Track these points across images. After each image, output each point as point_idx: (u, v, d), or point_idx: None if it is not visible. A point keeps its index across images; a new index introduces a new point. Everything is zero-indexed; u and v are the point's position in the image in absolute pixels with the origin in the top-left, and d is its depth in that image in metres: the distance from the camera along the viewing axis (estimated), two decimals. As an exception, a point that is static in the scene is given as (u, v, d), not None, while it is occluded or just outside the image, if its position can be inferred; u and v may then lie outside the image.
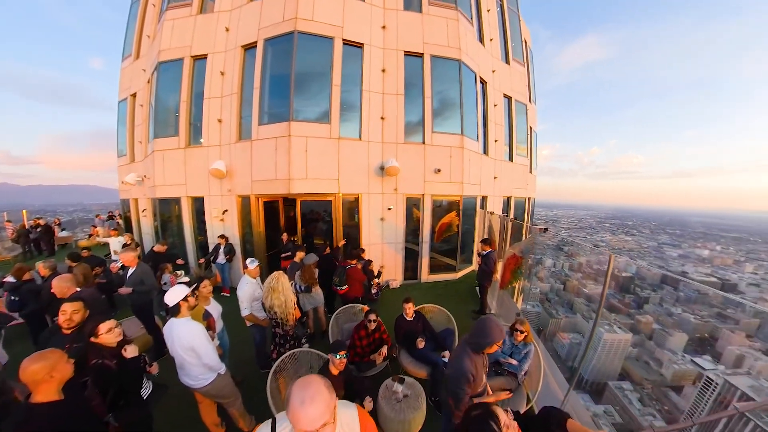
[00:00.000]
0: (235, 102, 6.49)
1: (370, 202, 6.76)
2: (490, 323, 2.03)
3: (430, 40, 7.06)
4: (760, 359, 53.64)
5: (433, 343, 3.67)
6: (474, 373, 2.03)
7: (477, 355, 2.08)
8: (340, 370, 2.45)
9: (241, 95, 6.51)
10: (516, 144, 10.29)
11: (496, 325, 2.03)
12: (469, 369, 2.01)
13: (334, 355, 2.40)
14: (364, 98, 6.57)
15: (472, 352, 2.06)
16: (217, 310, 3.26)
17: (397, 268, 7.31)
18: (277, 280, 3.19)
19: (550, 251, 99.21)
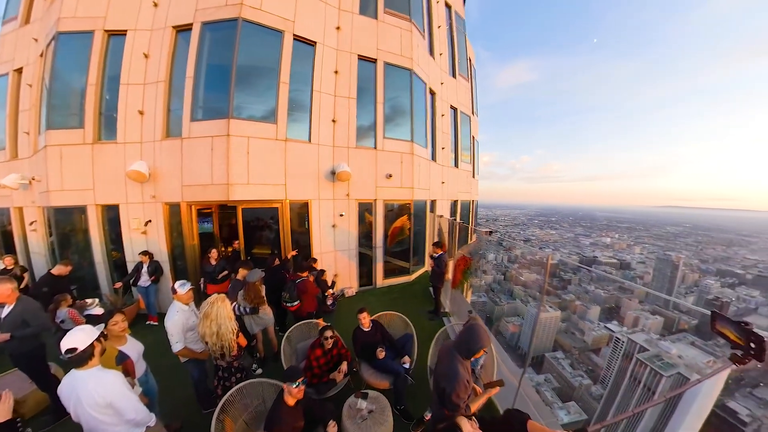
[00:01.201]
0: (162, 92, 5.57)
1: (320, 209, 6.48)
2: (479, 330, 2.06)
3: (384, 47, 7.11)
4: (649, 318, 68.36)
5: (393, 351, 3.63)
6: (468, 379, 2.05)
7: (467, 361, 2.10)
8: (299, 398, 2.25)
9: (170, 84, 5.60)
10: (461, 151, 11.11)
11: (484, 331, 2.07)
12: (464, 376, 2.01)
13: (291, 385, 2.19)
14: (314, 99, 6.27)
15: (462, 359, 2.06)
16: (137, 349, 2.71)
17: (351, 275, 7.14)
18: (211, 305, 2.76)
19: (491, 246, 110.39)
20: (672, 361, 43.69)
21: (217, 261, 5.24)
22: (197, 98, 5.43)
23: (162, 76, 5.59)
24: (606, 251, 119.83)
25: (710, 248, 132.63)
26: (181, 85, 5.46)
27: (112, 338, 2.50)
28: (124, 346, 2.59)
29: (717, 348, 54.02)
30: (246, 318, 3.86)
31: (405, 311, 4.45)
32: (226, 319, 2.76)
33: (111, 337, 2.48)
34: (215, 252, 5.28)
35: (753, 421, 42.77)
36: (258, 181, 5.56)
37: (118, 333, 2.57)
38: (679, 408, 1.47)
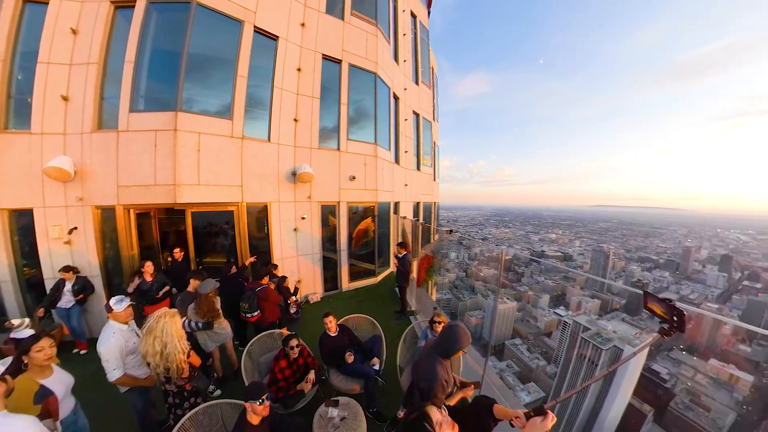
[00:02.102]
0: (95, 75, 4.77)
1: (281, 212, 6.18)
2: (459, 330, 2.11)
3: (350, 48, 7.04)
4: (589, 301, 77.91)
5: (361, 354, 3.59)
6: (446, 378, 2.11)
7: (446, 360, 2.16)
8: (264, 416, 2.10)
9: (104, 67, 4.84)
10: (423, 155, 11.48)
11: (464, 332, 2.12)
12: (442, 376, 2.07)
13: (255, 402, 2.03)
14: (275, 96, 5.96)
15: (441, 359, 2.12)
16: (64, 382, 2.28)
17: (316, 280, 6.91)
18: (156, 320, 2.40)
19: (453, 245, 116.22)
20: (609, 336, 49.81)
21: (155, 276, 4.49)
22: (138, 86, 4.78)
23: (94, 57, 4.80)
24: (552, 246, 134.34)
25: (632, 240, 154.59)
26: (119, 70, 4.75)
27: (34, 369, 2.08)
28: (48, 379, 2.14)
29: (641, 321, 63.01)
30: (199, 334, 3.49)
31: (372, 313, 4.42)
32: (174, 337, 2.41)
33: (33, 368, 2.06)
34: (150, 265, 4.47)
35: (671, 378, 51.50)
36: (210, 181, 5.11)
37: (43, 362, 2.11)
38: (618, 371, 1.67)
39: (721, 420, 45.21)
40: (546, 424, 1.32)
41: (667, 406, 46.42)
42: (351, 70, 7.05)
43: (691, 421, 44.56)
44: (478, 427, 1.69)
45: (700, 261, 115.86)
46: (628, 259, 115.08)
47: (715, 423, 44.59)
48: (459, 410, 1.84)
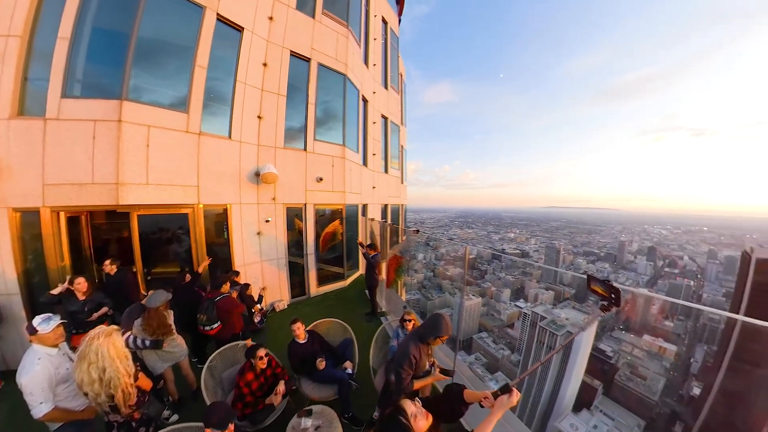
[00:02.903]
0: (16, 50, 4.00)
1: (242, 214, 5.80)
2: (440, 319, 2.24)
3: (319, 48, 6.87)
4: (544, 293, 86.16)
5: (333, 359, 3.50)
6: (417, 357, 2.27)
7: (423, 345, 2.31)
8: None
9: (29, 43, 4.09)
10: (390, 159, 11.64)
11: (445, 322, 2.23)
12: (412, 353, 2.25)
13: (215, 431, 1.85)
14: (238, 90, 5.59)
15: (419, 342, 2.30)
16: None
17: (282, 286, 6.60)
18: (88, 344, 2.00)
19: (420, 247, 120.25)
20: (562, 323, 55.58)
21: (89, 294, 3.70)
22: (74, 68, 4.13)
23: (16, 29, 4.01)
24: (511, 244, 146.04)
25: (578, 236, 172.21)
26: (50, 47, 4.06)
27: None
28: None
29: (588, 308, 70.95)
30: (147, 354, 3.11)
31: (343, 316, 4.34)
32: (114, 359, 2.05)
33: None
34: (83, 282, 3.61)
35: (614, 354, 59.03)
36: (161, 181, 4.62)
37: None
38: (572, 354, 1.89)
39: (655, 386, 52.42)
40: (512, 399, 1.45)
41: (613, 379, 52.71)
42: (320, 70, 6.90)
43: (633, 390, 51.03)
44: (451, 412, 1.78)
45: (632, 253, 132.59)
46: (575, 254, 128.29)
47: (650, 389, 51.57)
48: (431, 400, 1.89)
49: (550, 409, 48.68)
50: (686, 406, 51.87)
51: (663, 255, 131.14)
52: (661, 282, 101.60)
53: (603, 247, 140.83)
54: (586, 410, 45.49)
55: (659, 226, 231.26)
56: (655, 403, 50.54)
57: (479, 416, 1.61)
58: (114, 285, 4.16)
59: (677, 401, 53.88)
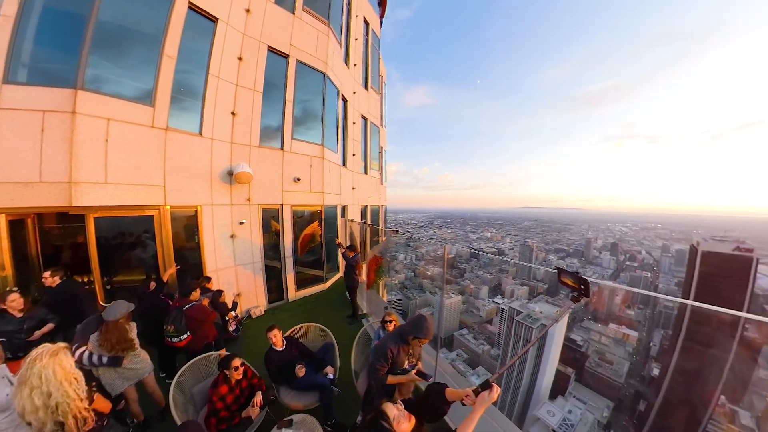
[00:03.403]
0: None
1: (214, 216, 5.48)
2: (422, 321, 2.25)
3: (299, 44, 6.64)
4: (520, 289, 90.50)
5: (314, 365, 3.37)
6: (393, 353, 2.31)
7: (403, 343, 2.33)
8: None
9: None
10: (370, 160, 11.56)
11: (427, 325, 2.23)
12: (390, 347, 2.31)
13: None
14: (210, 84, 5.25)
15: (399, 338, 2.35)
16: None
17: (258, 292, 6.31)
18: (29, 366, 1.72)
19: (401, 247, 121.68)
20: (536, 316, 58.88)
21: (26, 310, 3.18)
22: (19, 50, 3.66)
23: None
24: (488, 243, 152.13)
25: (549, 235, 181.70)
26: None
27: None
28: None
29: (560, 300, 75.25)
30: (106, 372, 2.78)
31: (323, 320, 4.22)
32: (62, 383, 1.79)
33: None
34: (17, 298, 3.08)
35: (584, 342, 63.49)
36: (123, 179, 4.23)
37: None
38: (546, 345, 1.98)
39: (620, 369, 57.17)
40: (493, 395, 1.48)
41: (584, 366, 57.09)
42: (299, 67, 6.68)
43: (602, 375, 55.71)
44: (434, 412, 1.79)
45: (597, 249, 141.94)
46: (547, 251, 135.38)
47: (616, 372, 56.27)
48: (414, 401, 1.91)
49: (529, 399, 51.61)
50: (648, 386, 57.45)
51: (624, 250, 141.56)
52: (623, 275, 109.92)
53: (572, 244, 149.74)
54: (561, 397, 49.06)
55: (620, 224, 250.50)
56: (621, 385, 55.36)
57: (462, 414, 1.62)
58: (58, 298, 3.62)
59: (640, 382, 59.45)
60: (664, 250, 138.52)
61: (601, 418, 49.18)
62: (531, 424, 43.69)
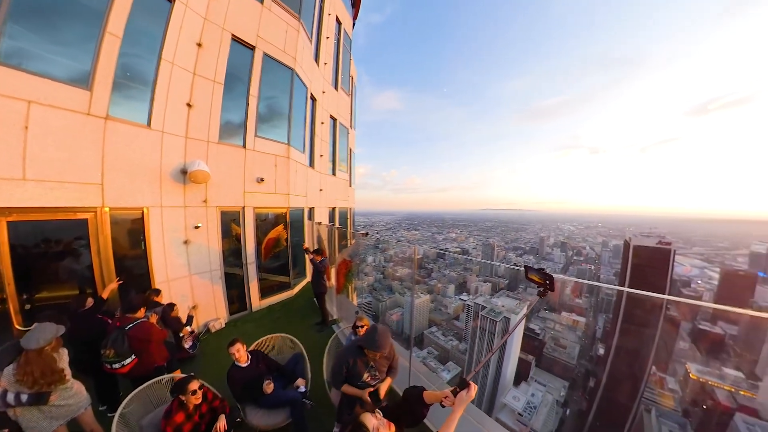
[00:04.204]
0: None
1: (164, 220, 4.89)
2: (372, 333, 2.19)
3: (266, 37, 6.23)
4: (483, 285, 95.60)
5: (283, 379, 3.14)
6: (350, 364, 2.31)
7: (359, 355, 2.31)
8: None
9: None
10: (339, 161, 11.31)
11: (375, 336, 2.17)
12: (345, 358, 2.33)
13: None
14: (163, 70, 4.66)
15: (355, 349, 2.34)
16: None
17: (217, 303, 5.78)
18: None
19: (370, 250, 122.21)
20: (499, 310, 63.05)
21: None
22: None
23: None
24: (453, 243, 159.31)
25: (508, 234, 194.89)
26: None
27: None
28: None
29: (519, 294, 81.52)
30: (27, 412, 2.27)
31: (291, 330, 3.99)
32: None
33: None
34: None
35: (542, 331, 69.27)
36: (48, 176, 3.59)
37: None
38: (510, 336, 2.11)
39: (573, 352, 64.02)
40: (471, 394, 1.48)
41: (542, 353, 62.91)
42: (266, 61, 6.28)
43: (557, 358, 62.02)
44: (413, 417, 1.80)
45: (550, 246, 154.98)
46: (507, 249, 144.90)
47: (569, 355, 62.93)
48: (392, 408, 1.90)
49: (496, 387, 54.95)
50: (595, 364, 65.28)
51: (572, 247, 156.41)
52: (572, 268, 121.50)
53: (528, 243, 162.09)
54: (524, 382, 53.59)
55: (568, 224, 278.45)
56: (574, 366, 62.24)
57: (441, 415, 1.61)
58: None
59: (589, 361, 67.32)
60: (604, 245, 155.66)
61: (559, 398, 54.74)
62: (499, 411, 47.00)
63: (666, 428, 48.93)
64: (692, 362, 63.81)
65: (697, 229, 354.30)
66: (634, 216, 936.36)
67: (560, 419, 54.42)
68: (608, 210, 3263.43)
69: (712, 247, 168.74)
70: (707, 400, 52.39)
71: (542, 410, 48.89)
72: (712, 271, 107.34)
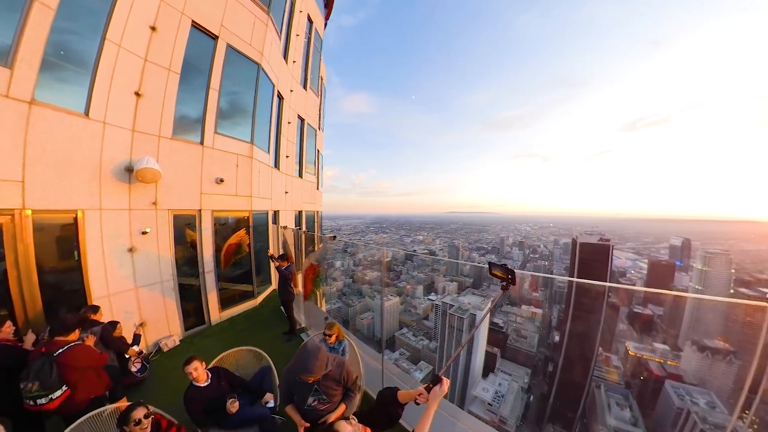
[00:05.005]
0: None
1: (104, 225, 4.25)
2: (301, 354, 1.94)
3: (232, 27, 5.79)
4: (450, 285, 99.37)
5: (249, 396, 2.89)
6: (291, 385, 2.13)
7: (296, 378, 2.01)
8: None
9: None
10: (306, 163, 10.97)
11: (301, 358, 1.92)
12: (287, 378, 2.16)
13: None
14: (106, 52, 4.07)
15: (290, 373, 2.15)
16: None
17: (170, 317, 5.18)
18: None
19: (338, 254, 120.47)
20: (466, 307, 66.27)
21: None
22: None
23: None
24: (420, 245, 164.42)
25: (472, 235, 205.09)
26: None
27: None
28: None
29: (484, 291, 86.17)
30: None
31: (256, 341, 3.72)
32: None
33: None
34: None
35: (505, 324, 74.15)
36: None
37: None
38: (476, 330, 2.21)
39: (532, 341, 69.41)
40: (444, 388, 1.50)
41: (506, 344, 67.71)
42: (229, 53, 5.83)
43: (520, 348, 67.06)
44: (388, 419, 1.78)
45: (509, 245, 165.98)
46: (470, 249, 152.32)
47: (530, 344, 68.22)
48: (366, 411, 1.89)
49: (466, 381, 57.59)
50: (553, 350, 72.07)
51: (528, 245, 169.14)
52: (529, 264, 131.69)
53: (490, 243, 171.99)
54: (492, 374, 56.83)
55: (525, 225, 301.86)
56: (534, 354, 67.66)
57: (416, 413, 1.61)
58: None
59: (547, 348, 73.63)
60: (555, 243, 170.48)
61: (524, 384, 59.24)
62: (470, 403, 49.43)
63: (613, 400, 54.91)
64: (630, 341, 72.88)
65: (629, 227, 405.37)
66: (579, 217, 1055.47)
67: (525, 404, 58.56)
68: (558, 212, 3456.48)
69: (641, 242, 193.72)
70: (643, 371, 60.46)
71: (509, 398, 52.32)
72: (642, 262, 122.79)
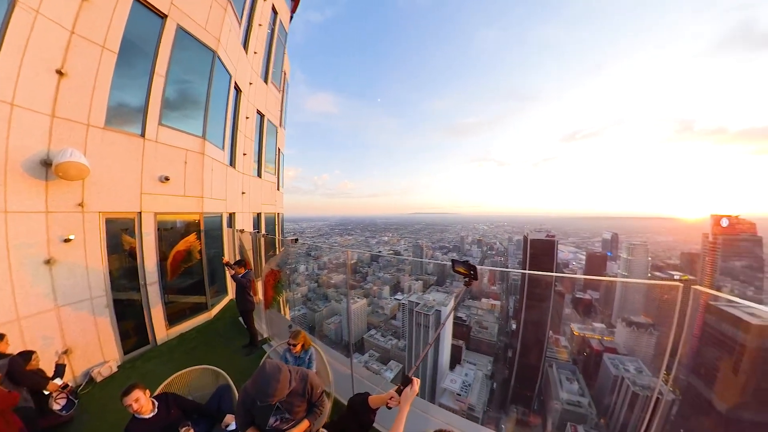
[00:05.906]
0: None
1: (9, 232, 3.43)
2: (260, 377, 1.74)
3: (184, 7, 5.13)
4: (415, 284, 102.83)
5: (206, 421, 2.57)
6: (250, 406, 1.94)
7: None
8: None
9: None
10: (265, 162, 10.32)
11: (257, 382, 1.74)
12: (244, 399, 1.97)
13: None
14: (17, 18, 3.29)
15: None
16: None
17: (103, 340, 4.37)
18: None
19: (301, 258, 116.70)
20: (431, 304, 68.70)
21: None
22: None
23: None
24: (386, 246, 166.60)
25: (435, 235, 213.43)
26: None
27: None
28: None
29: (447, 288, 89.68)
30: None
31: (212, 359, 3.34)
32: None
33: None
34: None
35: (467, 317, 78.91)
36: None
37: None
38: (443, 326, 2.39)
39: (493, 331, 75.15)
40: (414, 389, 1.50)
41: (470, 336, 72.70)
42: (180, 36, 5.17)
43: (482, 339, 72.51)
44: (361, 426, 1.74)
45: (469, 244, 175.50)
46: (434, 248, 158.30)
47: (491, 334, 74.01)
48: (337, 421, 1.84)
49: (435, 376, 59.97)
50: (511, 338, 79.01)
51: (485, 243, 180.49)
52: (487, 261, 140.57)
53: (451, 242, 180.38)
54: (458, 365, 60.42)
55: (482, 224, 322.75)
56: (495, 342, 73.60)
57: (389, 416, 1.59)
58: None
59: (506, 336, 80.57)
60: (509, 240, 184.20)
61: (487, 372, 63.98)
62: (441, 396, 51.63)
63: (564, 376, 61.76)
64: (574, 323, 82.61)
65: (570, 224, 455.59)
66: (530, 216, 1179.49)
67: (490, 390, 63.13)
68: (512, 211, 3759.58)
69: (579, 237, 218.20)
70: (586, 348, 68.81)
71: (476, 386, 56.15)
72: (581, 254, 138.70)
